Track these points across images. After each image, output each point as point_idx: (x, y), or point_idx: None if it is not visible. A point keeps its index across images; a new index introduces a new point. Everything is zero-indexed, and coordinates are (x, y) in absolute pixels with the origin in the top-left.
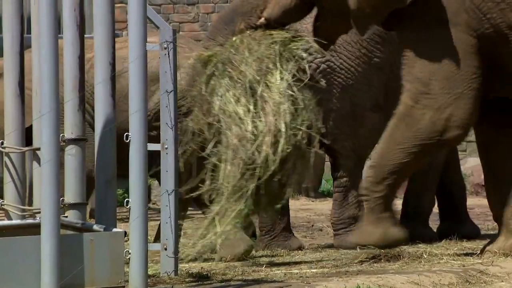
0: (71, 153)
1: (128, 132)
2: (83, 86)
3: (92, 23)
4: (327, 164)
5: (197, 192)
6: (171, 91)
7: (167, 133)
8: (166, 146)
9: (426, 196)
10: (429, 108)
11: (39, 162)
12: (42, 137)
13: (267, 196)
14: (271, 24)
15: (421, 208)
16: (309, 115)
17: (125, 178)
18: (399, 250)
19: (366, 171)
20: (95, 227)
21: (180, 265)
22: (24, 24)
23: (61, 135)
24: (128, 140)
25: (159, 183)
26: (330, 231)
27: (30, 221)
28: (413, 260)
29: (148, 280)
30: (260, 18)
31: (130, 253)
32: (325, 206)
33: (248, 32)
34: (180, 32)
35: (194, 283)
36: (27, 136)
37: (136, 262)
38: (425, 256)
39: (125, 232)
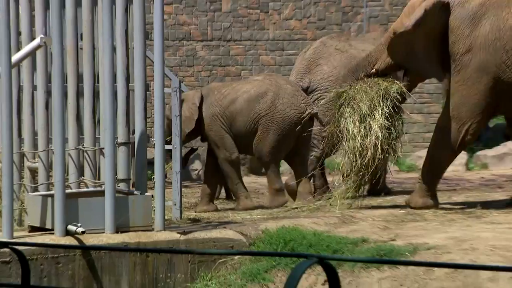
0: (122, 151)
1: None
2: (128, 112)
3: (134, 77)
4: None
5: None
6: (177, 116)
7: (176, 140)
8: (175, 147)
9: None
10: None
11: (103, 155)
12: (106, 142)
13: (370, 175)
14: (379, 74)
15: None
16: (396, 135)
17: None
18: (307, 205)
19: None
20: (135, 192)
21: (183, 214)
22: (95, 78)
23: (115, 140)
24: (153, 143)
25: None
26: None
27: (99, 189)
28: (314, 210)
29: (165, 222)
30: (372, 69)
31: (155, 207)
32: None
33: (365, 79)
34: (183, 83)
35: (190, 223)
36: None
37: (158, 212)
38: (320, 209)
39: (152, 195)
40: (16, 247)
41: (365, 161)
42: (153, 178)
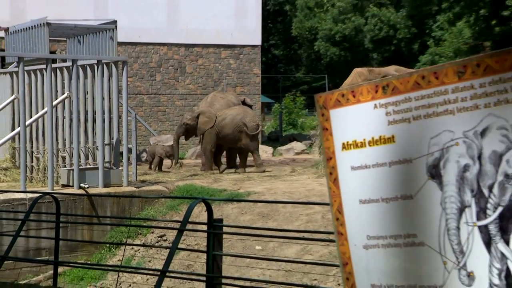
0: (107, 148)
1: None
2: (110, 128)
3: (113, 111)
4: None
5: None
6: (134, 131)
7: (133, 142)
8: (133, 145)
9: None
10: None
11: (98, 150)
12: (99, 143)
13: None
14: None
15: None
16: None
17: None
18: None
19: None
20: (113, 168)
21: (138, 178)
22: (94, 112)
23: (104, 142)
24: (122, 144)
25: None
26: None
27: (96, 166)
28: (208, 177)
29: (128, 182)
30: None
31: (123, 175)
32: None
33: None
34: (137, 115)
35: (141, 183)
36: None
37: (124, 177)
38: (204, 175)
39: (122, 169)
40: (54, 194)
41: None
42: (122, 160)
